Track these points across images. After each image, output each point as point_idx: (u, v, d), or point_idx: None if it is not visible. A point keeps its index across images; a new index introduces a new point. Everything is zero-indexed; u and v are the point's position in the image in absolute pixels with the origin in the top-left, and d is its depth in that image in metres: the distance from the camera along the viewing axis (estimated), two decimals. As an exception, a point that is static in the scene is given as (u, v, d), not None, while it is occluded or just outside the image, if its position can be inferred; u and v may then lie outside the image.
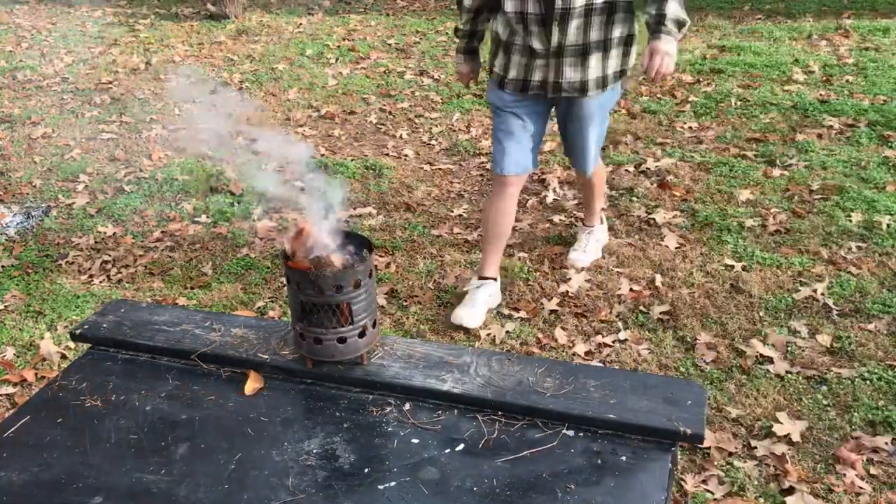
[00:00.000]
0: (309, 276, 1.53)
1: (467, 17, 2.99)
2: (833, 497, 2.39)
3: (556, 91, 2.87)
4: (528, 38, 2.78)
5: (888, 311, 3.21)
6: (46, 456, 1.45)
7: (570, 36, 2.72)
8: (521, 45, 2.82)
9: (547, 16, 2.70)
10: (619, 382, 1.56)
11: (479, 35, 3.09)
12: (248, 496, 1.34)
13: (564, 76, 2.83)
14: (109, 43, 7.64)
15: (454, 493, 1.33)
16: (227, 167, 4.82)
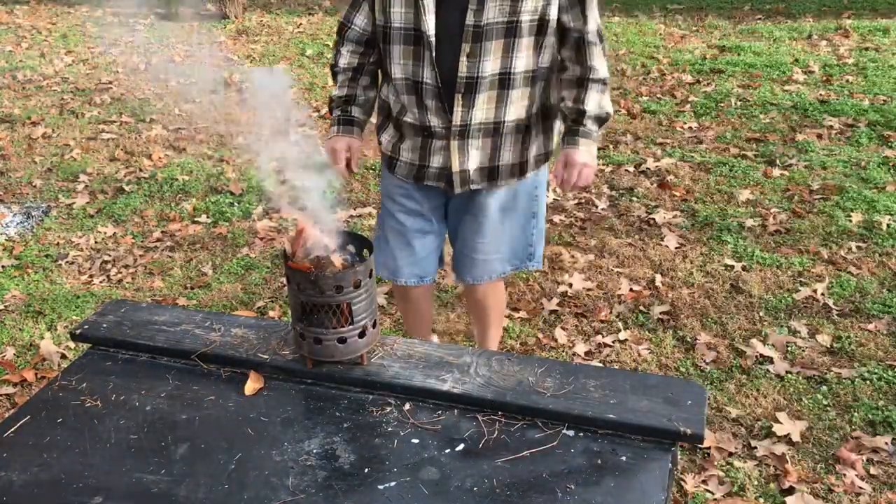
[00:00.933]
0: (309, 277, 1.53)
1: (342, 78, 2.25)
2: (833, 497, 2.39)
3: (462, 184, 2.21)
4: (422, 114, 2.13)
5: (888, 311, 3.21)
6: (46, 456, 1.45)
7: (478, 112, 2.09)
8: (414, 122, 2.16)
9: (447, 86, 2.06)
10: (619, 382, 1.56)
11: (362, 103, 2.28)
12: (248, 496, 1.34)
13: (471, 162, 2.17)
14: (109, 43, 7.64)
15: (454, 493, 1.33)
16: (228, 167, 4.82)
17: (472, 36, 1.99)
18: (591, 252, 3.72)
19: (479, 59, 2.01)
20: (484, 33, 1.99)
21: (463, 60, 2.02)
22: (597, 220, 4.02)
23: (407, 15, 2.03)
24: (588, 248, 3.76)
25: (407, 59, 2.08)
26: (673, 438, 1.44)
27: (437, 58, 2.03)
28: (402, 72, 2.09)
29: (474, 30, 1.99)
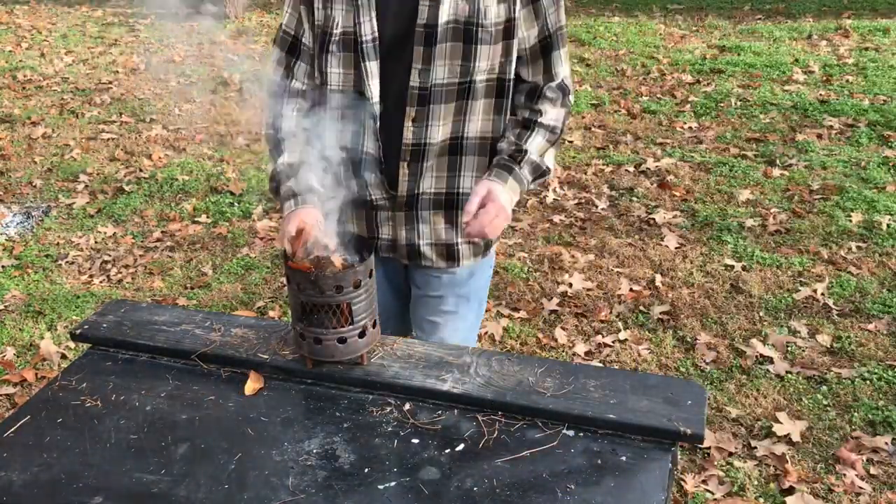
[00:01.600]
0: (309, 277, 1.53)
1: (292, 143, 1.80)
2: (833, 497, 2.39)
3: (412, 257, 1.93)
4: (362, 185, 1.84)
5: (888, 311, 3.21)
6: (46, 456, 1.45)
7: (426, 181, 1.83)
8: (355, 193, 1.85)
9: (388, 155, 1.80)
10: (619, 382, 1.56)
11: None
12: (248, 496, 1.34)
13: (422, 238, 1.90)
14: (109, 43, 7.64)
15: (454, 493, 1.33)
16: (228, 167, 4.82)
17: (417, 99, 1.72)
18: (591, 252, 3.72)
19: (427, 125, 1.75)
20: (431, 96, 1.72)
21: (408, 126, 1.75)
22: (597, 220, 4.02)
23: (346, 77, 1.75)
24: (588, 248, 3.76)
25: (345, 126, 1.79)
26: (673, 438, 1.44)
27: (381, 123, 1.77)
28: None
29: (420, 92, 1.72)
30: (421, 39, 1.69)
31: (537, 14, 1.73)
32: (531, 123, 1.81)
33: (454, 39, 1.70)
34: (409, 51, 1.71)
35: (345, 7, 1.71)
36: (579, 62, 6.50)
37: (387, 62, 1.74)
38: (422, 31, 1.69)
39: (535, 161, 1.80)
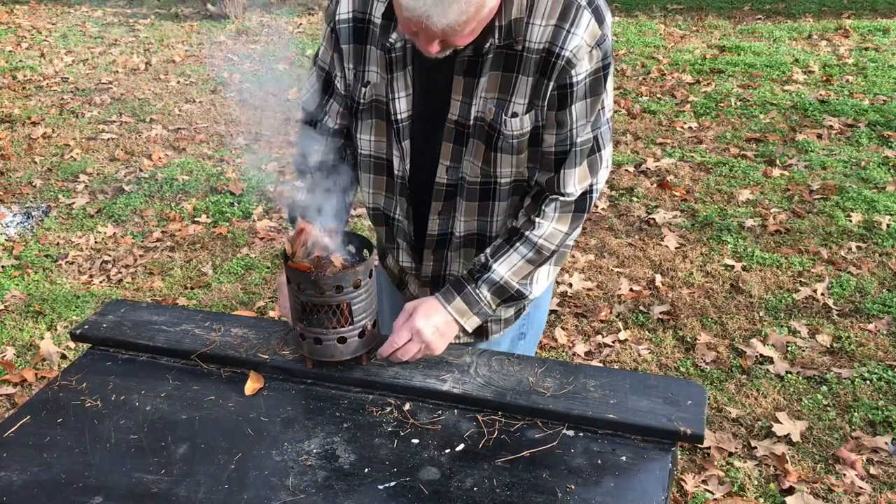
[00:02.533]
0: (309, 277, 1.53)
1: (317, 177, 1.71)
2: (833, 497, 2.39)
3: None
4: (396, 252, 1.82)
5: (888, 311, 3.21)
6: (46, 456, 1.45)
7: (453, 265, 1.76)
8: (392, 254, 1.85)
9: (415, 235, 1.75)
10: (619, 382, 1.56)
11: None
12: (248, 496, 1.34)
13: None
14: (109, 43, 7.64)
15: (454, 493, 1.33)
16: (228, 167, 4.82)
17: (444, 195, 1.66)
18: (591, 252, 3.72)
19: (452, 217, 1.68)
20: (458, 191, 1.64)
21: (433, 218, 1.69)
22: (597, 220, 4.02)
23: (378, 144, 1.68)
24: (588, 248, 3.76)
25: (378, 189, 1.74)
26: (673, 438, 1.44)
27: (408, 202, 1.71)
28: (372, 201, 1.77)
29: (447, 189, 1.65)
30: (451, 136, 1.59)
31: (561, 123, 1.54)
32: (516, 235, 1.61)
33: (479, 139, 1.57)
34: (437, 142, 1.60)
35: (379, 71, 1.59)
36: (579, 62, 6.49)
37: (416, 142, 1.64)
38: (452, 127, 1.58)
39: (501, 282, 1.60)
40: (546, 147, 1.58)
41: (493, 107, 1.54)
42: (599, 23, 1.47)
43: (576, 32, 1.46)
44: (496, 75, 1.52)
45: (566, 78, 1.49)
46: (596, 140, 1.58)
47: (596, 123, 1.57)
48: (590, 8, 1.47)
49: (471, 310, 1.60)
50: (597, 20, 1.47)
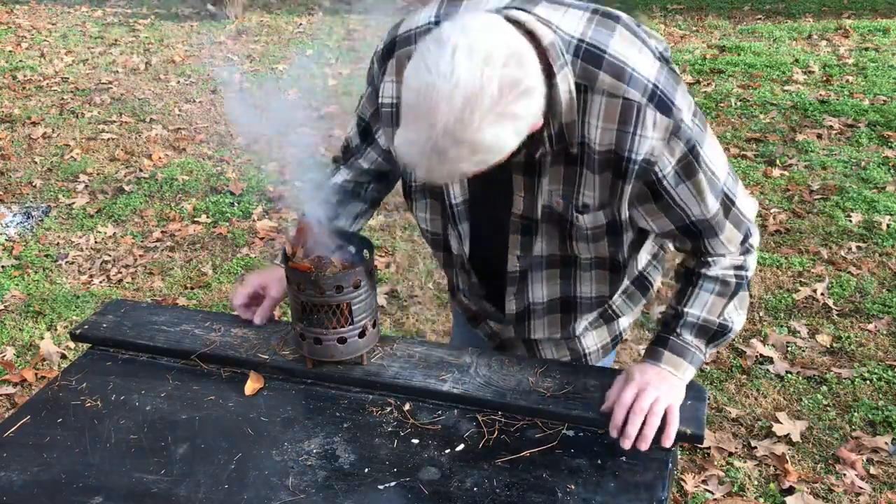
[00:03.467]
0: (309, 277, 1.53)
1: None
2: (833, 497, 2.39)
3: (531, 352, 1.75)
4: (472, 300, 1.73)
5: (888, 311, 3.21)
6: (46, 456, 1.45)
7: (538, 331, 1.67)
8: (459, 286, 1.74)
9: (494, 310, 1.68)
10: (619, 382, 1.56)
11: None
12: (248, 496, 1.34)
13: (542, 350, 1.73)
14: (109, 43, 7.64)
15: (454, 493, 1.33)
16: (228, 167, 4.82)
17: (518, 279, 1.57)
18: (591, 252, 3.72)
19: (529, 292, 1.59)
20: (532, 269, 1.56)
21: (510, 299, 1.62)
22: (597, 220, 4.02)
23: (434, 222, 1.61)
24: (588, 248, 3.76)
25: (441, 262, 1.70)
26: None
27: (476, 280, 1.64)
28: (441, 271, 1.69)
29: (520, 274, 1.56)
30: (518, 229, 1.50)
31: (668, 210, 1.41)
32: (695, 276, 1.50)
33: (551, 226, 1.47)
34: (503, 231, 1.51)
35: None
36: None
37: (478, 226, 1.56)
38: (518, 221, 1.48)
39: (700, 322, 1.48)
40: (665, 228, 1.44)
41: (561, 199, 1.42)
42: (667, 112, 1.29)
43: (644, 135, 1.29)
44: (558, 170, 1.39)
45: (650, 176, 1.34)
46: (725, 202, 1.44)
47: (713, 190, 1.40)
48: (652, 103, 1.28)
49: (684, 360, 1.47)
50: (663, 112, 1.29)
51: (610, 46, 1.29)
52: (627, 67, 1.28)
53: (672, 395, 1.44)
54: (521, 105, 1.16)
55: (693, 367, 1.49)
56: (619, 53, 1.29)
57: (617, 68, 1.28)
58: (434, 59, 1.13)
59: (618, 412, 1.42)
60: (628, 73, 1.28)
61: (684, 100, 1.33)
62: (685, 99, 1.33)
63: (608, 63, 1.28)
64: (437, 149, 1.14)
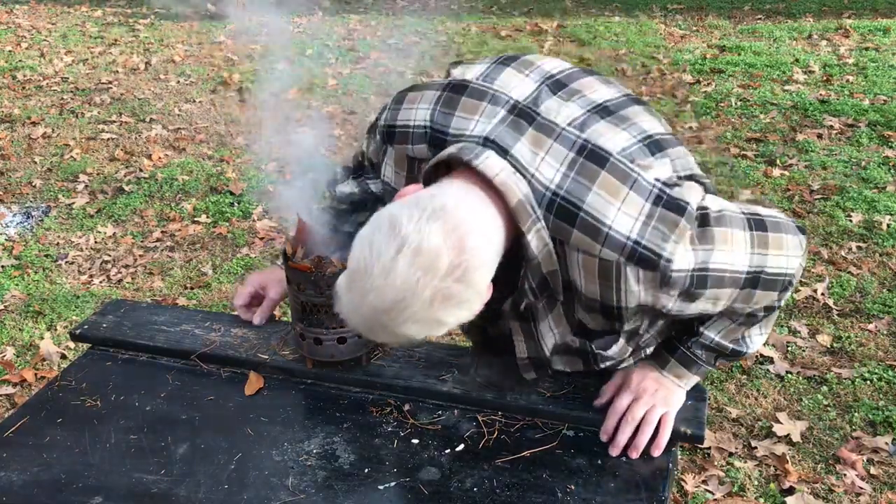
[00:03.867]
0: (309, 277, 1.53)
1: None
2: (833, 497, 2.39)
3: None
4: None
5: (888, 311, 3.21)
6: (46, 456, 1.44)
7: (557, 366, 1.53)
8: None
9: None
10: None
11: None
12: (248, 496, 1.34)
13: None
14: (109, 43, 7.64)
15: (454, 493, 1.33)
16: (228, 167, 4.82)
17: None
18: (592, 252, 3.72)
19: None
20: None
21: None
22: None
23: None
24: (588, 248, 3.76)
25: None
26: (673, 439, 1.44)
27: None
28: None
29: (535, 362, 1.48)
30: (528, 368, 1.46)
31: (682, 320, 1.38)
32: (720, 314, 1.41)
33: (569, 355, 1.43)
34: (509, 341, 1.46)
35: None
36: (579, 62, 6.50)
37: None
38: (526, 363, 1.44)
39: (712, 345, 1.42)
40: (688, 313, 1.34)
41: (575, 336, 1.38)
42: (651, 266, 1.21)
43: (629, 289, 1.24)
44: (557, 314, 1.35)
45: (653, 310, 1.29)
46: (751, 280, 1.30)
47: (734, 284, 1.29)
48: (632, 262, 1.21)
49: (689, 371, 1.45)
50: (647, 267, 1.22)
51: (586, 202, 1.22)
52: (603, 226, 1.21)
53: (669, 402, 1.44)
54: (451, 314, 1.15)
55: (698, 376, 1.48)
56: (596, 210, 1.21)
57: (591, 228, 1.22)
58: (380, 245, 1.12)
59: (610, 419, 1.43)
60: (603, 232, 1.21)
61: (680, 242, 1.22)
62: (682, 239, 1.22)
63: (581, 221, 1.22)
64: (364, 321, 1.16)
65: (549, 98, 1.33)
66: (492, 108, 1.32)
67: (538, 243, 1.24)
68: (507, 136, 1.27)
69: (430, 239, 1.11)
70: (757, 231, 1.30)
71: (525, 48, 6.92)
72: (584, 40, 7.11)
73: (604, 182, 1.22)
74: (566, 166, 1.24)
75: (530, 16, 8.02)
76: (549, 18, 7.88)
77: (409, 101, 1.42)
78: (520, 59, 1.42)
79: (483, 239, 1.16)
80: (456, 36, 7.40)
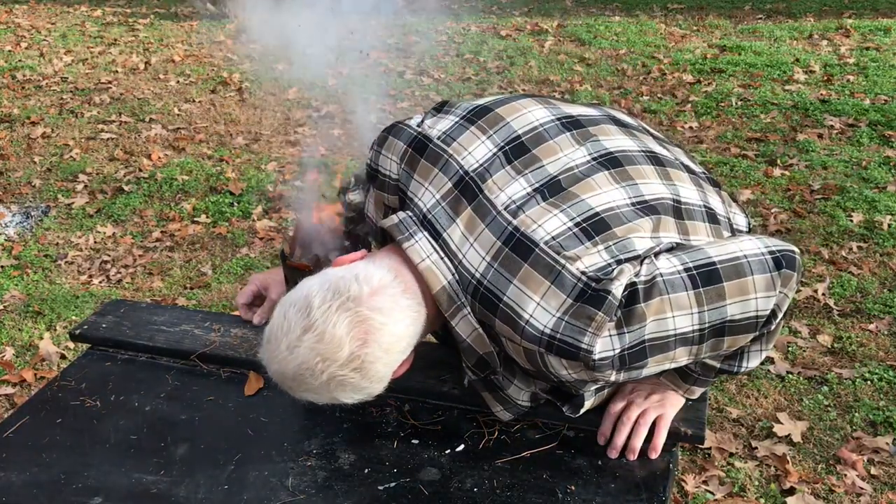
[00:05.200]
0: (308, 276, 1.52)
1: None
2: (834, 497, 2.39)
3: None
4: None
5: (889, 311, 3.20)
6: (46, 456, 1.44)
7: None
8: None
9: None
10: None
11: None
12: (248, 496, 1.34)
13: None
14: (109, 42, 7.64)
15: (454, 493, 1.33)
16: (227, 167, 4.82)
17: None
18: (592, 252, 3.71)
19: None
20: None
21: None
22: (597, 219, 4.01)
23: None
24: (588, 248, 3.75)
25: None
26: (673, 439, 1.43)
27: None
28: None
29: None
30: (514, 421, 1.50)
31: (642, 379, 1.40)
32: None
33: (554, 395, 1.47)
34: None
35: None
36: (579, 62, 6.49)
37: None
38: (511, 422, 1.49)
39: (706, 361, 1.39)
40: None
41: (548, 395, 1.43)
42: (571, 356, 1.22)
43: (559, 372, 1.26)
44: (523, 377, 1.38)
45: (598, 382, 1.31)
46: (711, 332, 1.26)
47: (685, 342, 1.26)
48: (551, 352, 1.23)
49: (685, 382, 1.45)
50: (567, 357, 1.22)
51: (506, 294, 1.23)
52: (521, 320, 1.23)
53: (664, 405, 1.43)
54: (347, 396, 1.27)
55: (697, 388, 1.46)
56: (515, 303, 1.23)
57: (510, 319, 1.24)
58: (290, 322, 1.23)
59: (605, 422, 1.44)
60: (521, 325, 1.23)
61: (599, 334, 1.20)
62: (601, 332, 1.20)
63: (502, 312, 1.24)
64: (276, 380, 1.28)
65: (499, 170, 1.33)
66: (440, 178, 1.34)
67: (465, 328, 1.29)
68: (443, 216, 1.31)
69: (336, 329, 1.20)
70: (705, 286, 1.23)
71: (525, 48, 6.92)
72: (585, 40, 7.10)
73: (525, 276, 1.23)
74: (491, 256, 1.26)
75: (530, 15, 8.02)
76: (549, 18, 7.87)
77: (386, 147, 1.46)
78: (490, 115, 1.40)
79: (390, 336, 1.24)
80: (456, 36, 7.40)
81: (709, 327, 1.25)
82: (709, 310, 1.24)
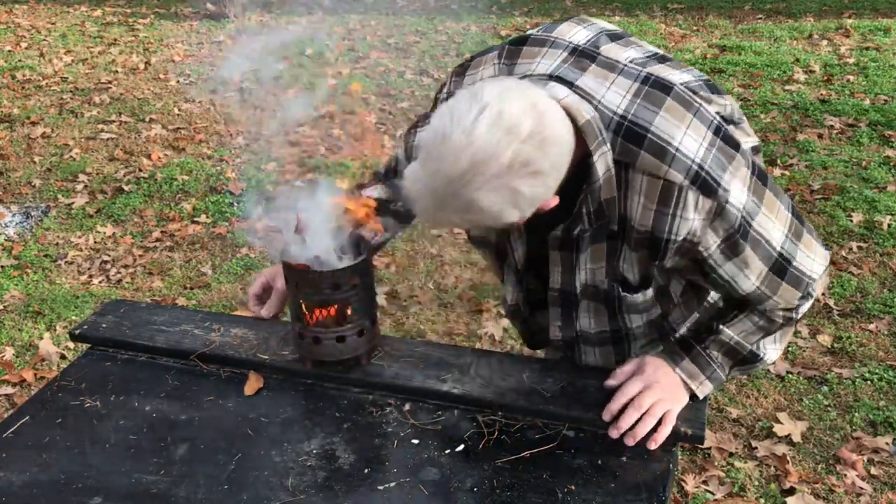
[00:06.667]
0: (307, 275, 1.52)
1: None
2: (834, 497, 2.39)
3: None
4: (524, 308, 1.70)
5: (889, 311, 3.20)
6: (46, 456, 1.44)
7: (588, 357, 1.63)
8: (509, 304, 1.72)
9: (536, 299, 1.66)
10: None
11: None
12: (248, 496, 1.34)
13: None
14: (109, 42, 7.64)
15: (454, 493, 1.33)
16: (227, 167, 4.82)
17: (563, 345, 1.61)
18: (592, 252, 3.72)
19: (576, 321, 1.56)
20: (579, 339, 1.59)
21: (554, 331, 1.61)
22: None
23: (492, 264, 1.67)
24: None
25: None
26: (673, 439, 1.43)
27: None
28: None
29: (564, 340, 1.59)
30: (557, 302, 1.52)
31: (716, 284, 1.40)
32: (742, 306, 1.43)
33: (596, 302, 1.48)
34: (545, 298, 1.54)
35: None
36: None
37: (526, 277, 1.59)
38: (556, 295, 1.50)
39: (731, 343, 1.43)
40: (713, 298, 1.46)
41: (604, 277, 1.42)
42: (711, 194, 1.24)
43: (685, 216, 1.26)
44: (599, 247, 1.38)
45: (695, 255, 1.32)
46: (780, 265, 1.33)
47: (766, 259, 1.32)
48: (695, 185, 1.24)
49: (703, 373, 1.44)
50: (707, 194, 1.24)
51: (654, 124, 1.25)
52: (671, 147, 1.24)
53: (676, 399, 1.44)
54: (527, 184, 1.15)
55: (710, 383, 1.46)
56: (664, 132, 1.25)
57: (659, 148, 1.24)
58: (461, 111, 1.13)
59: (617, 400, 1.43)
60: (671, 153, 1.24)
61: (735, 176, 1.26)
62: (737, 174, 1.26)
63: (650, 142, 1.24)
64: (436, 194, 1.16)
65: (608, 43, 1.39)
66: (553, 52, 1.36)
67: (602, 166, 1.26)
68: (569, 72, 1.31)
69: (512, 105, 1.12)
70: (796, 220, 1.34)
71: (525, 48, 6.92)
72: (584, 40, 7.10)
73: (669, 107, 1.26)
74: (632, 94, 1.28)
75: (530, 16, 8.02)
76: (549, 18, 7.88)
77: (474, 65, 1.45)
78: (574, 17, 1.48)
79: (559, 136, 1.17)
80: (456, 36, 7.40)
81: (783, 257, 1.32)
82: (790, 240, 1.33)
